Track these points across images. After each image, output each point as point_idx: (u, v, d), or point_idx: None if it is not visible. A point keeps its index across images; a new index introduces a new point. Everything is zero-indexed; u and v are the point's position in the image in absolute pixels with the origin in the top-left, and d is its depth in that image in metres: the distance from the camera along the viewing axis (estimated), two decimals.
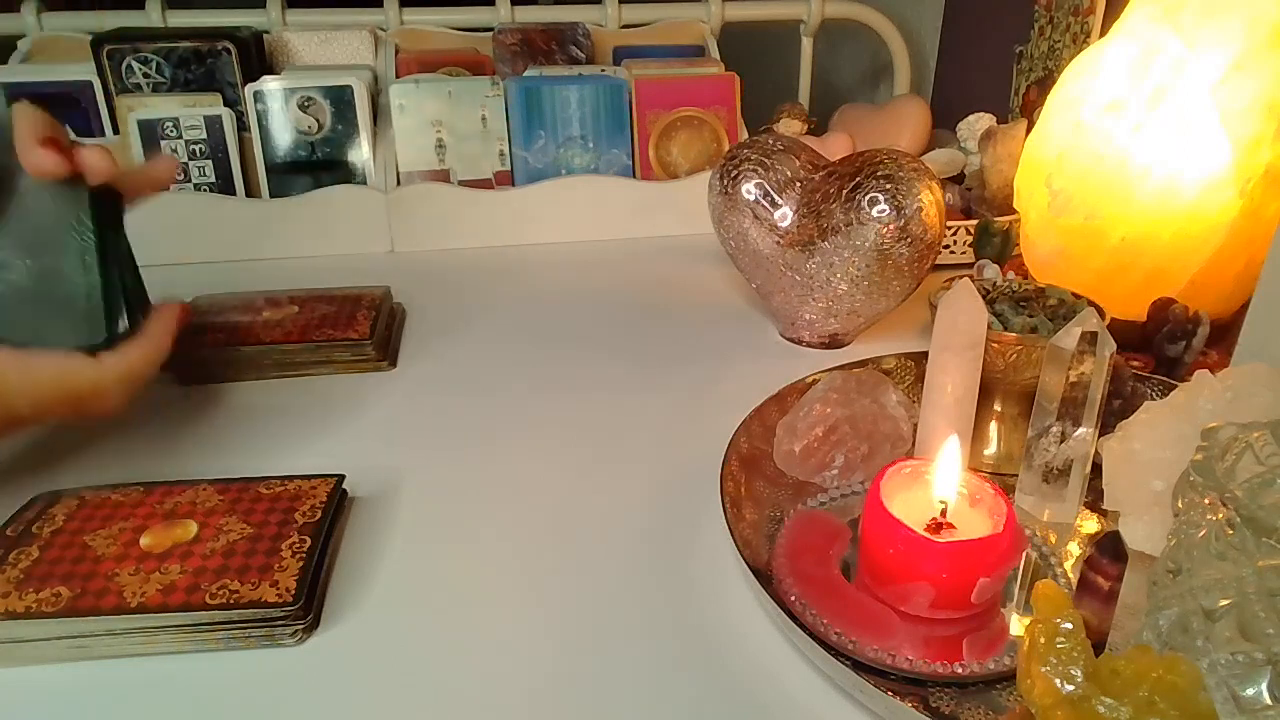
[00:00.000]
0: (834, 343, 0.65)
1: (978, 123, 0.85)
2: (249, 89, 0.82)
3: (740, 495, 0.45)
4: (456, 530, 0.45)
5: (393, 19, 0.95)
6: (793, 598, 0.37)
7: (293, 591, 0.37)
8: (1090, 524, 0.45)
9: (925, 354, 0.46)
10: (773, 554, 0.40)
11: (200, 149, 0.82)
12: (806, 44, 1.09)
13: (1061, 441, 0.43)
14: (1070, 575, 0.39)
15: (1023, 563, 0.39)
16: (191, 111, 0.81)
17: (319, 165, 0.85)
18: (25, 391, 0.42)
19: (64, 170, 0.42)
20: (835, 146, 0.90)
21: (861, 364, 0.57)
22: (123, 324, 0.45)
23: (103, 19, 0.88)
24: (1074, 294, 0.52)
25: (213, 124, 0.82)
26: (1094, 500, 0.44)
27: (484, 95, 0.86)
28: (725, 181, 0.62)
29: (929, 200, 0.57)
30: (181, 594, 0.37)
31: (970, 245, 0.77)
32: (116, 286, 0.45)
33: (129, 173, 0.47)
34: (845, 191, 0.58)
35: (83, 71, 0.83)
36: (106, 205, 0.46)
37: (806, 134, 0.96)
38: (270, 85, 0.82)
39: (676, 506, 0.47)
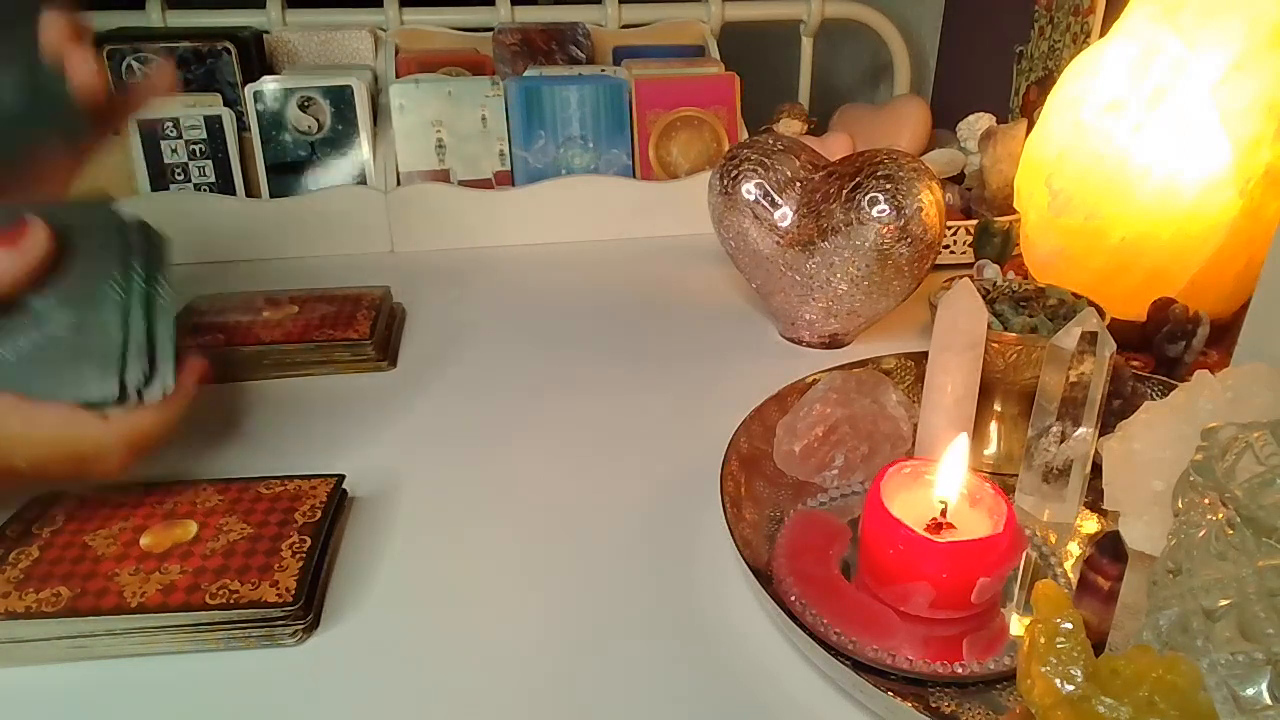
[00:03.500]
0: (834, 343, 0.65)
1: (978, 123, 0.85)
2: (249, 89, 0.82)
3: (740, 495, 0.45)
4: (456, 530, 0.45)
5: (393, 19, 0.95)
6: (793, 598, 0.37)
7: (293, 591, 0.37)
8: (1090, 524, 0.45)
9: (925, 354, 0.46)
10: (773, 554, 0.40)
11: (200, 149, 0.82)
12: (806, 44, 1.09)
13: (1061, 441, 0.43)
14: (1070, 575, 0.39)
15: (1023, 563, 0.39)
16: (191, 111, 0.81)
17: (319, 165, 0.85)
18: (25, 443, 0.39)
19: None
20: (835, 146, 0.90)
21: (861, 364, 0.57)
22: (145, 379, 0.42)
23: (103, 19, 0.88)
24: (1074, 294, 0.52)
25: (213, 124, 0.82)
26: (1094, 500, 0.44)
27: (484, 95, 0.86)
28: (725, 181, 0.62)
29: (929, 200, 0.58)
30: (181, 594, 0.37)
31: (970, 245, 0.77)
32: (153, 339, 0.43)
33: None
34: (845, 191, 0.58)
35: None
36: (152, 248, 0.44)
37: (806, 134, 0.96)
38: (270, 85, 0.82)
39: (676, 506, 0.47)
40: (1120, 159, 0.58)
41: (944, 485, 0.38)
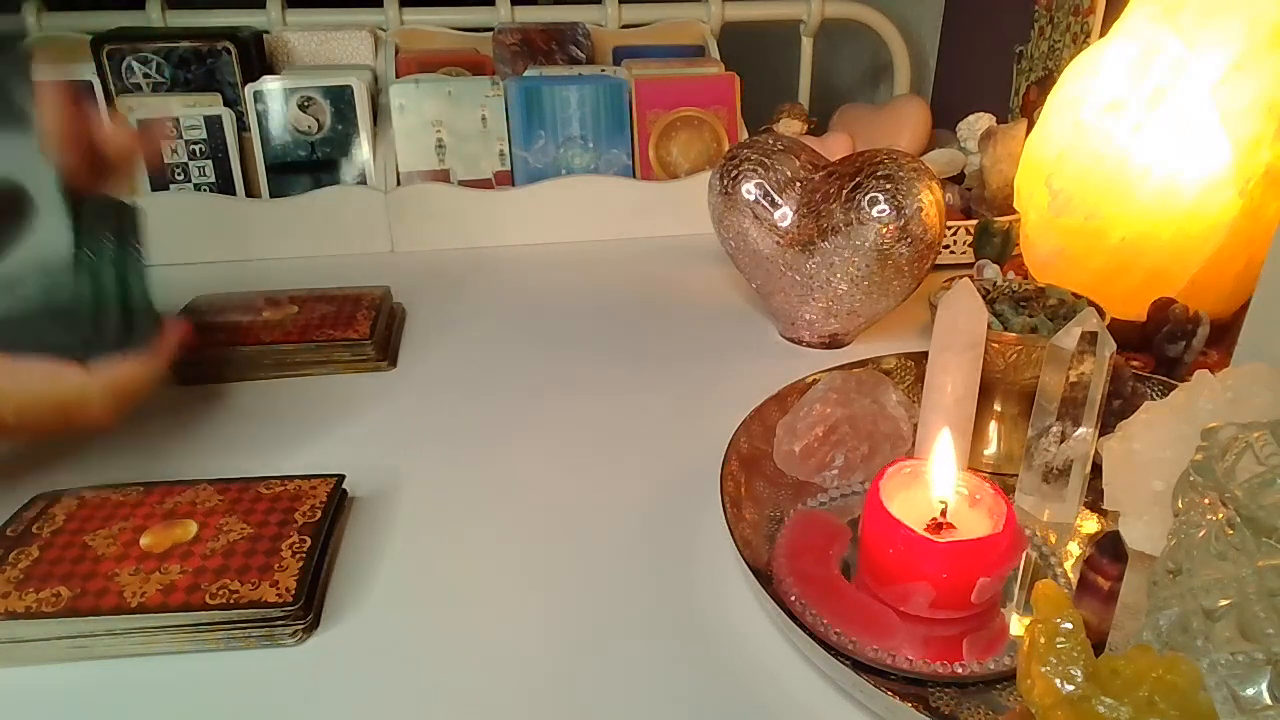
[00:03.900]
0: (834, 343, 0.65)
1: (978, 123, 0.85)
2: (249, 89, 0.82)
3: (740, 495, 0.45)
4: (456, 530, 0.45)
5: (393, 19, 0.95)
6: (793, 598, 0.37)
7: (293, 591, 0.37)
8: (1090, 524, 0.45)
9: (925, 354, 0.46)
10: (773, 554, 0.40)
11: (200, 149, 0.82)
12: (806, 44, 1.09)
13: (1061, 441, 0.43)
14: (1070, 575, 0.39)
15: (1023, 563, 0.39)
16: (191, 111, 0.81)
17: (319, 165, 0.85)
18: (10, 396, 0.41)
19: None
20: (835, 146, 0.90)
21: (861, 364, 0.57)
22: (121, 335, 0.45)
23: (103, 19, 0.88)
24: (1074, 294, 0.52)
25: (213, 124, 0.82)
26: (1094, 500, 0.44)
27: (484, 95, 0.86)
28: (725, 181, 0.62)
29: (929, 200, 0.57)
30: (181, 594, 0.37)
31: (970, 245, 0.77)
32: (127, 295, 0.45)
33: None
34: (845, 191, 0.58)
35: (83, 71, 0.83)
36: (123, 217, 0.46)
37: (806, 134, 0.96)
38: (270, 85, 0.82)
39: (676, 506, 0.47)
40: (1120, 159, 0.58)
41: (935, 481, 0.38)
